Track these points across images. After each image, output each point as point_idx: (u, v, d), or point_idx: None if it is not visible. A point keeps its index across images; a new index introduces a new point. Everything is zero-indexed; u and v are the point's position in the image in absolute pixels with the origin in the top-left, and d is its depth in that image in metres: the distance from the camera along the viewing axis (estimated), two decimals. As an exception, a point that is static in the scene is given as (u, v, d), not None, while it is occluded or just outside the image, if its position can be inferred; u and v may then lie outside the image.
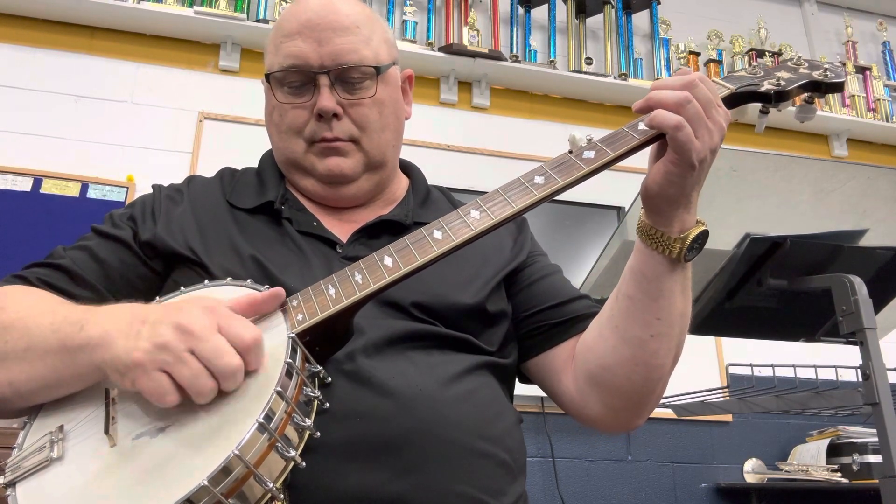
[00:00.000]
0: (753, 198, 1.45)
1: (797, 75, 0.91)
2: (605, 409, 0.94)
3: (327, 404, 0.75)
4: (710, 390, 1.77)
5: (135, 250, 0.94)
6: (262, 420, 0.65)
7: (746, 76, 0.91)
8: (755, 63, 0.98)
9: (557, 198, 0.82)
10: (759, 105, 0.92)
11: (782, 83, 0.90)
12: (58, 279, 0.90)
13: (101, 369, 0.72)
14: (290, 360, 0.70)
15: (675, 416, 1.89)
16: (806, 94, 0.93)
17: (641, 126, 0.82)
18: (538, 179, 0.81)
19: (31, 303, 0.84)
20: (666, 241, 0.83)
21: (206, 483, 0.61)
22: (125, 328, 0.71)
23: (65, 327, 0.76)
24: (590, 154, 0.81)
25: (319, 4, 0.98)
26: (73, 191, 2.62)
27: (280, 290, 0.77)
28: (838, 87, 0.92)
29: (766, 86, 0.90)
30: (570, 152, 0.83)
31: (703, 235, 0.84)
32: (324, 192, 1.00)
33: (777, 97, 0.90)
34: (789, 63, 0.93)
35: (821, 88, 0.91)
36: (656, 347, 0.88)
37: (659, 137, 0.82)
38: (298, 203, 1.01)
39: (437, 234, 0.80)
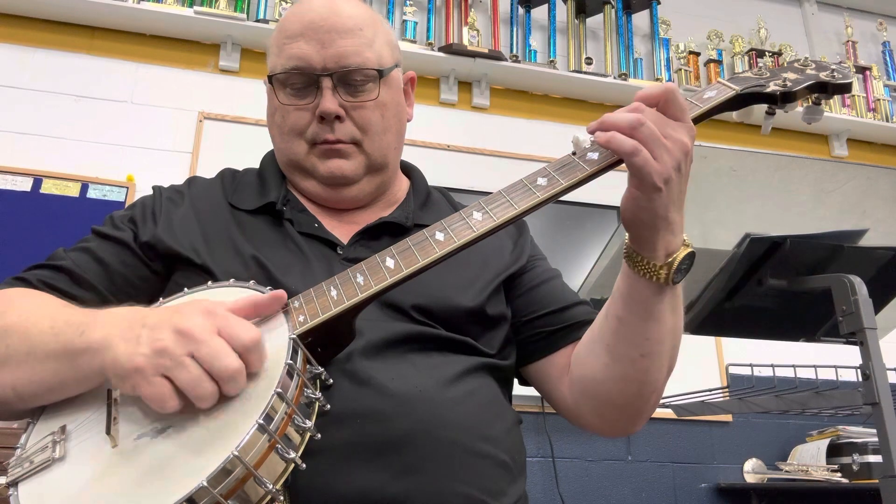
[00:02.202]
0: (753, 198, 1.45)
1: (804, 76, 0.90)
2: (600, 419, 0.94)
3: (328, 406, 0.75)
4: (710, 390, 1.77)
5: (135, 251, 0.94)
6: (262, 421, 0.65)
7: (752, 77, 0.89)
8: (761, 64, 0.97)
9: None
10: (765, 106, 0.91)
11: (788, 84, 0.88)
12: (59, 281, 0.90)
13: (103, 373, 0.72)
14: (291, 362, 0.70)
15: (675, 416, 1.90)
16: (813, 96, 0.91)
17: None
18: (541, 181, 0.80)
19: (31, 306, 0.83)
20: (651, 267, 0.80)
21: (205, 484, 0.61)
22: (125, 332, 0.71)
23: (66, 331, 0.75)
24: (593, 156, 0.80)
25: (322, 6, 0.97)
26: (73, 191, 2.62)
27: (282, 293, 0.77)
28: (846, 88, 0.90)
29: (773, 87, 0.88)
30: (574, 154, 0.82)
31: (690, 258, 0.81)
32: (325, 193, 1.00)
33: (783, 98, 0.88)
34: (796, 64, 0.91)
35: (828, 89, 0.90)
36: (647, 365, 0.87)
37: None
38: (299, 204, 1.01)
39: (440, 236, 0.79)
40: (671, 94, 0.78)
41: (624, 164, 0.80)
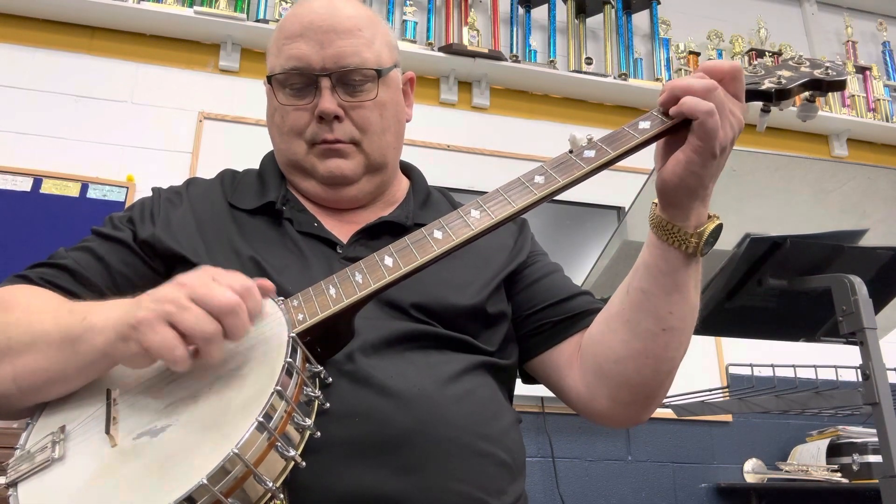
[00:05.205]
0: (753, 198, 1.45)
1: (798, 74, 0.91)
2: (613, 404, 0.94)
3: (328, 404, 0.75)
4: (710, 390, 1.77)
5: (135, 250, 0.94)
6: (261, 419, 0.65)
7: (748, 75, 0.90)
8: (756, 62, 0.97)
9: (557, 198, 0.83)
10: (759, 104, 0.92)
11: (783, 81, 0.89)
12: (61, 278, 0.91)
13: (107, 354, 0.73)
14: (291, 360, 0.70)
15: (675, 416, 1.89)
16: (807, 93, 0.92)
17: (642, 125, 0.82)
18: (538, 179, 0.81)
19: (35, 300, 0.84)
20: (683, 235, 0.83)
21: (205, 482, 0.61)
22: (127, 307, 0.73)
23: (68, 319, 0.76)
24: (590, 153, 0.81)
25: (322, 6, 0.98)
26: (73, 191, 2.63)
27: (268, 283, 0.77)
28: (840, 86, 0.91)
29: (768, 84, 0.89)
30: (571, 152, 0.83)
31: (719, 229, 0.84)
32: (324, 193, 1.00)
33: (778, 95, 0.89)
34: (790, 62, 0.93)
35: (822, 87, 0.91)
36: (667, 340, 0.88)
37: (663, 135, 0.82)
38: (299, 204, 1.01)
39: (438, 234, 0.80)
40: (738, 72, 0.81)
41: (625, 158, 0.81)
